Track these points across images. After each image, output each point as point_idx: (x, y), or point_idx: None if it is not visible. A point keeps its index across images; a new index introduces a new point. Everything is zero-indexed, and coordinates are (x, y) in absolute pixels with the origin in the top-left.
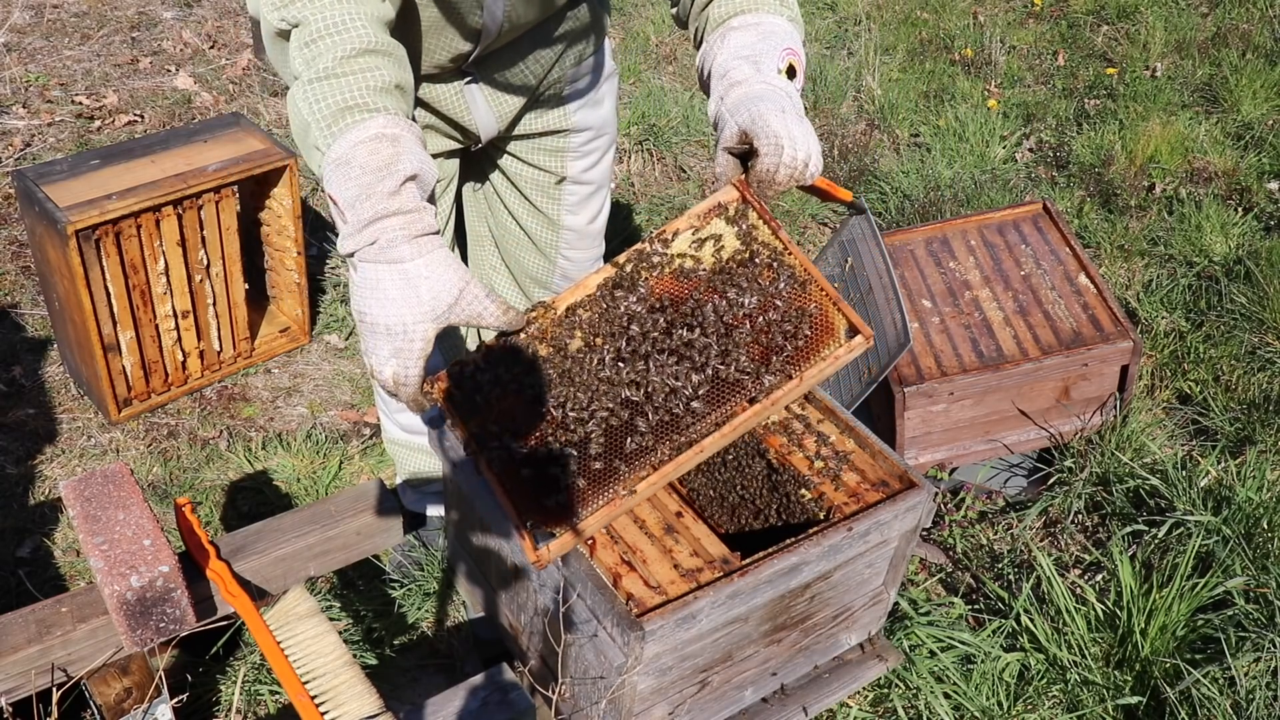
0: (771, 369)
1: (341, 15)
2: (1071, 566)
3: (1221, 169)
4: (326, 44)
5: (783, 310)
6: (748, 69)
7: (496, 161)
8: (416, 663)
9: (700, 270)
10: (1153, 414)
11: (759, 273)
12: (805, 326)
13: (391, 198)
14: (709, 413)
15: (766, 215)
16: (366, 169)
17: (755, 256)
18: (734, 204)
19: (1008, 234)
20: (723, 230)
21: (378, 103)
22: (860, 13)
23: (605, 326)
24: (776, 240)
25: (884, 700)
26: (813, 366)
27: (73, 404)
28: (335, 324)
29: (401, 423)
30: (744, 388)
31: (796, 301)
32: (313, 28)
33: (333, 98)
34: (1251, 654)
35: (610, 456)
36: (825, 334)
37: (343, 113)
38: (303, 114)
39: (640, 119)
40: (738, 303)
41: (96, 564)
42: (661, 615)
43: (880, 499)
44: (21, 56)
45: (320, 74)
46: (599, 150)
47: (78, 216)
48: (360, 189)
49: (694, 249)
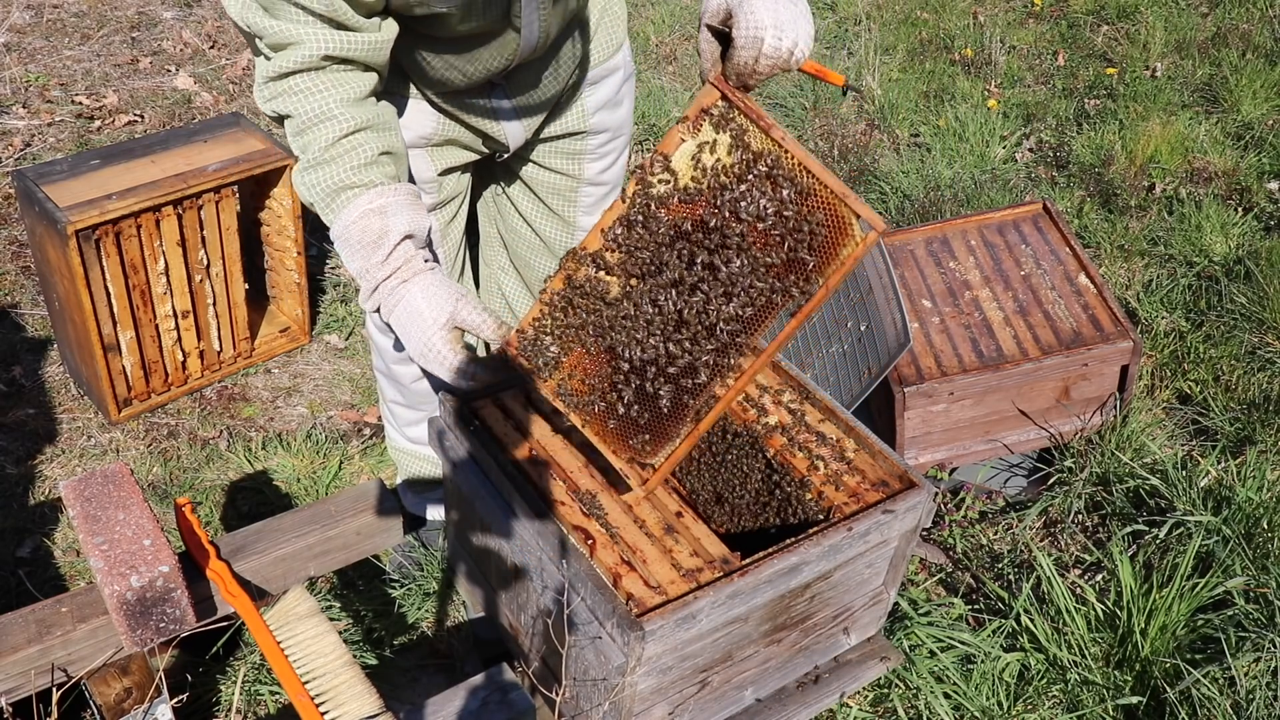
0: (797, 282)
1: (324, 105)
2: (1071, 566)
3: (1221, 169)
4: (314, 134)
5: (792, 220)
6: None
7: (512, 167)
8: (416, 663)
9: (705, 186)
10: (1153, 414)
11: (761, 184)
12: (820, 233)
13: (384, 265)
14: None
15: (753, 114)
16: (362, 243)
17: (753, 167)
18: (717, 105)
19: (1008, 234)
20: (714, 136)
21: (364, 178)
22: (860, 13)
23: (635, 267)
24: (769, 142)
25: (884, 700)
26: (835, 268)
27: (73, 404)
28: (335, 324)
29: (410, 435)
30: (773, 304)
31: (805, 207)
32: (300, 119)
33: (325, 183)
34: (1251, 654)
35: (678, 392)
36: (839, 234)
37: (335, 194)
38: (305, 196)
39: (640, 119)
40: (749, 221)
41: (96, 564)
42: (661, 615)
43: (880, 499)
44: (21, 56)
45: (312, 161)
46: (615, 151)
47: (78, 216)
48: (361, 263)
49: (693, 164)
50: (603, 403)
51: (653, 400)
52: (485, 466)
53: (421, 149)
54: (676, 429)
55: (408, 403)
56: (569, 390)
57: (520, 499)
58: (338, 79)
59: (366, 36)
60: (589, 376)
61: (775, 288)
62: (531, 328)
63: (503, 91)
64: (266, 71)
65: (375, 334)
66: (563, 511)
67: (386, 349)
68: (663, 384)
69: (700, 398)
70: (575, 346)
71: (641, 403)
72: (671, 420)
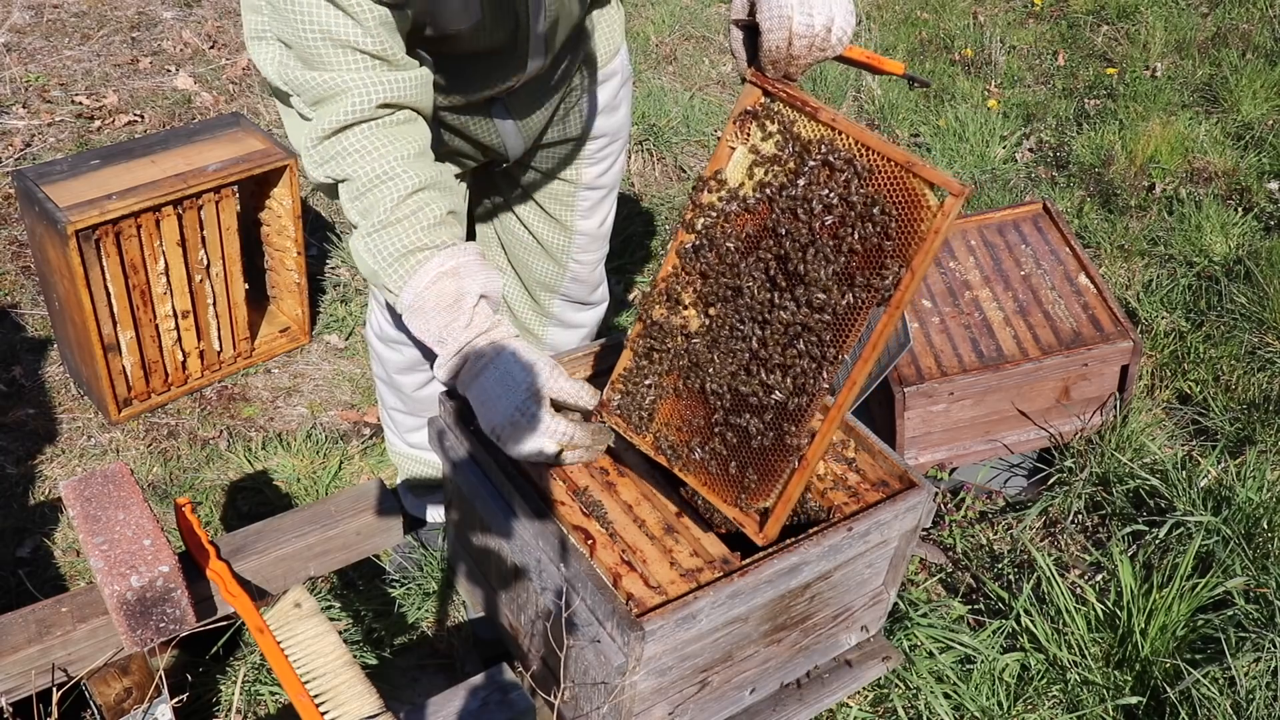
0: (880, 272)
1: (385, 164)
2: (1071, 566)
3: (1221, 169)
4: (377, 195)
5: (861, 205)
6: None
7: (510, 172)
8: (416, 663)
9: (766, 194)
10: (1153, 414)
11: (819, 174)
12: (892, 215)
13: (467, 329)
14: (840, 341)
15: (798, 100)
16: (439, 309)
17: (808, 158)
18: (759, 103)
19: (1008, 234)
20: (762, 136)
21: (435, 239)
22: (860, 13)
23: (711, 295)
24: (820, 127)
25: (884, 700)
26: (919, 248)
27: (73, 404)
28: (335, 324)
29: (411, 440)
30: (861, 304)
31: (871, 186)
32: (361, 182)
33: (393, 245)
34: (1251, 654)
35: (778, 421)
36: (914, 209)
37: (405, 257)
38: (369, 264)
39: (640, 119)
40: (817, 221)
41: (96, 564)
42: (661, 615)
43: (880, 499)
44: (21, 56)
45: (378, 225)
46: (613, 155)
47: (78, 216)
48: (439, 329)
49: (748, 173)
50: (702, 450)
51: (753, 437)
52: (485, 466)
53: None
54: (784, 465)
55: (409, 410)
56: (668, 442)
57: (520, 499)
58: (395, 133)
59: (412, 75)
60: (685, 423)
61: (860, 284)
62: (622, 382)
63: (503, 106)
64: (316, 132)
65: (376, 343)
66: (563, 511)
67: (388, 359)
68: (761, 417)
69: (802, 425)
70: (668, 393)
71: (743, 441)
72: (776, 456)
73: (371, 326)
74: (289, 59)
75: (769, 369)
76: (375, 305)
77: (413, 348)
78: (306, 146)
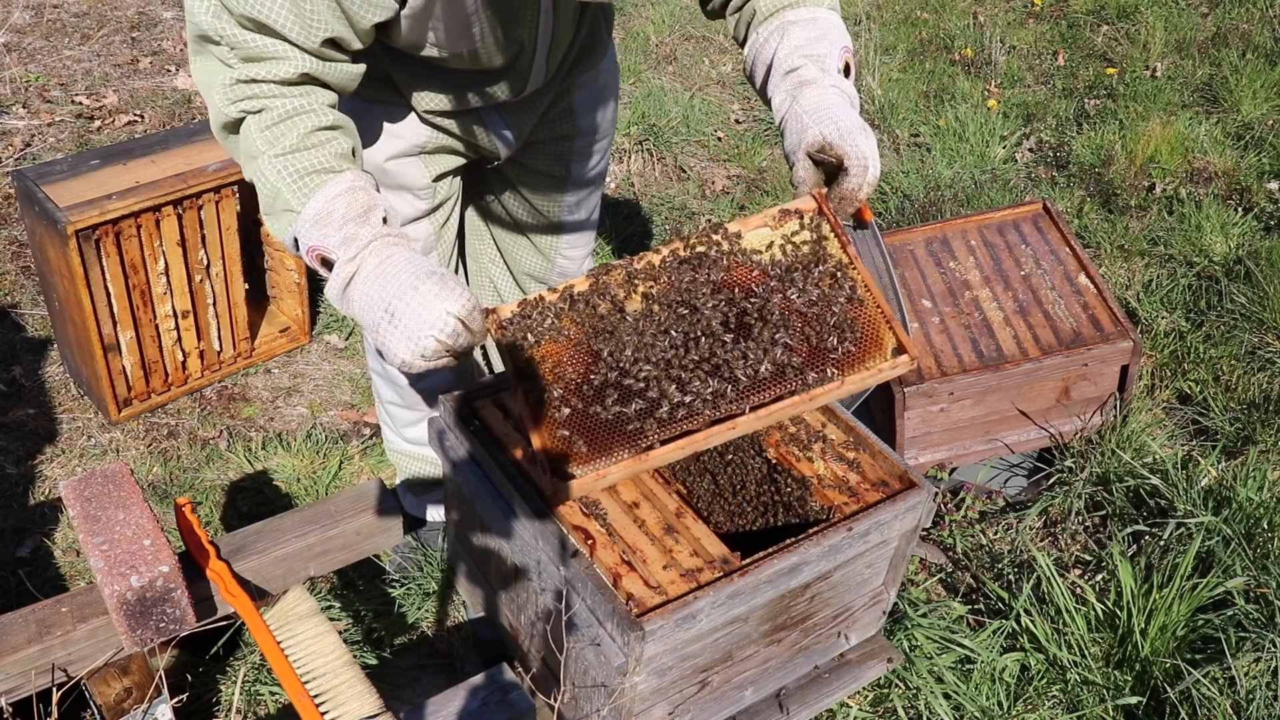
0: (817, 368)
1: (304, 104)
2: (1071, 566)
3: (1221, 169)
4: (290, 124)
5: (837, 317)
6: (814, 69)
7: (499, 168)
8: (416, 663)
9: (766, 264)
10: (1153, 414)
11: (822, 279)
12: (855, 335)
13: (380, 227)
14: (749, 395)
15: (840, 230)
16: (349, 218)
17: (821, 263)
18: (810, 214)
19: (1008, 234)
20: (794, 234)
21: (343, 165)
22: (860, 13)
23: (665, 296)
24: (844, 255)
25: (884, 700)
26: (855, 374)
27: (73, 404)
28: (335, 324)
29: (408, 436)
30: (786, 379)
31: (852, 313)
32: (276, 113)
33: (302, 165)
34: (1251, 654)
35: (646, 416)
36: (873, 347)
37: (313, 175)
38: (272, 181)
39: (640, 119)
40: (797, 300)
41: (96, 564)
42: (661, 615)
43: (880, 499)
44: (21, 56)
45: (287, 149)
46: (601, 151)
47: (78, 216)
48: (347, 233)
49: (765, 246)
50: (560, 392)
51: (609, 414)
52: (485, 466)
53: (414, 156)
54: (620, 451)
55: (405, 403)
56: (531, 371)
57: (520, 499)
58: (311, 89)
59: (345, 68)
60: (559, 366)
61: (794, 365)
62: (529, 307)
63: (495, 110)
64: (239, 75)
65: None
66: (563, 511)
67: None
68: (629, 405)
69: (666, 432)
70: (562, 337)
71: (597, 411)
72: (618, 440)
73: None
74: (223, 12)
75: (669, 378)
76: None
77: None
78: (223, 84)
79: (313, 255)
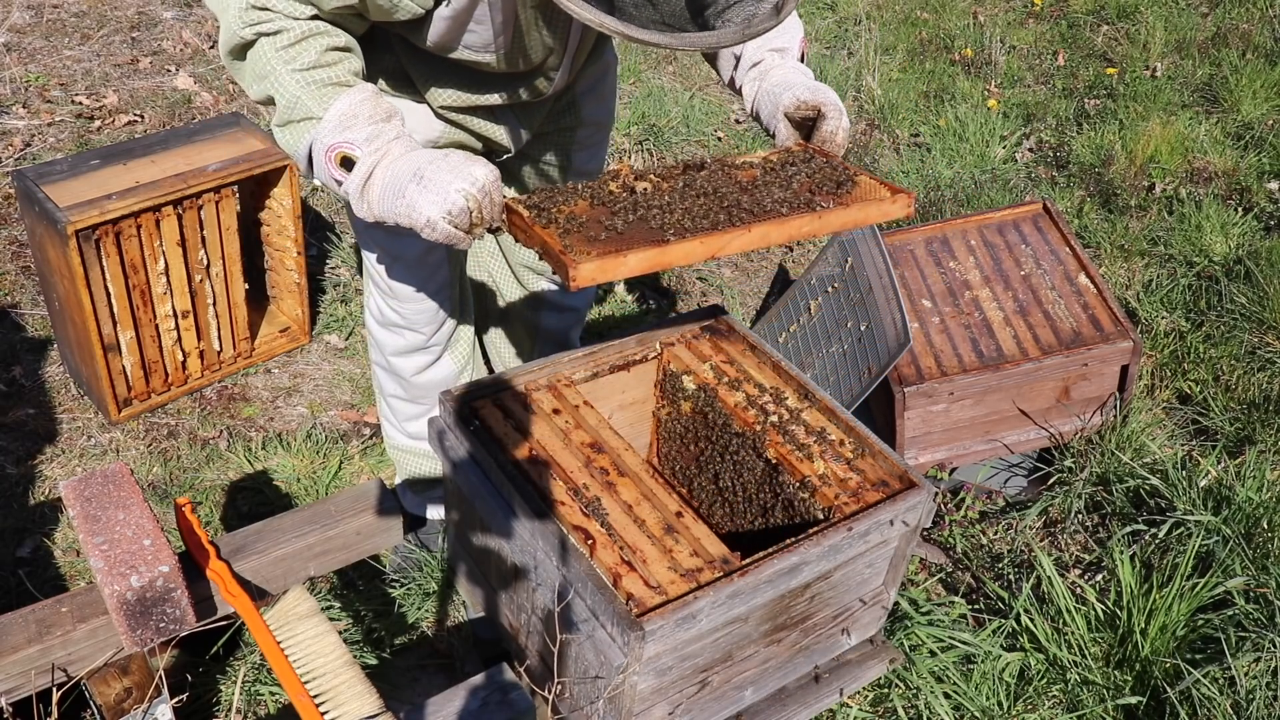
0: (824, 197)
1: (315, 25)
2: (1071, 566)
3: (1221, 169)
4: (309, 43)
5: (839, 174)
6: (776, 57)
7: (503, 161)
8: (416, 663)
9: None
10: (1153, 414)
11: (820, 168)
12: (855, 186)
13: (402, 128)
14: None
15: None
16: (374, 118)
17: (814, 159)
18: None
19: (1008, 234)
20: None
21: (358, 82)
22: (860, 13)
23: (673, 182)
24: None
25: (884, 700)
26: (860, 203)
27: (73, 404)
28: (335, 324)
29: (410, 431)
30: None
31: (850, 173)
32: (293, 34)
33: (321, 77)
34: (1251, 654)
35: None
36: (872, 193)
37: (333, 86)
38: (292, 91)
39: (640, 119)
40: (797, 175)
41: (96, 564)
42: (661, 615)
43: (880, 499)
44: (21, 56)
45: (306, 65)
46: (600, 142)
47: (78, 216)
48: (372, 130)
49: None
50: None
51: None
52: (485, 466)
53: None
54: (639, 244)
55: (408, 396)
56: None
57: (520, 499)
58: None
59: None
60: (578, 216)
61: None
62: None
63: (510, 109)
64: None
65: (375, 328)
66: (563, 511)
67: (387, 342)
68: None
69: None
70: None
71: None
72: (642, 234)
73: (370, 311)
74: None
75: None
76: (374, 290)
77: (413, 331)
78: (239, 7)
79: (332, 156)
